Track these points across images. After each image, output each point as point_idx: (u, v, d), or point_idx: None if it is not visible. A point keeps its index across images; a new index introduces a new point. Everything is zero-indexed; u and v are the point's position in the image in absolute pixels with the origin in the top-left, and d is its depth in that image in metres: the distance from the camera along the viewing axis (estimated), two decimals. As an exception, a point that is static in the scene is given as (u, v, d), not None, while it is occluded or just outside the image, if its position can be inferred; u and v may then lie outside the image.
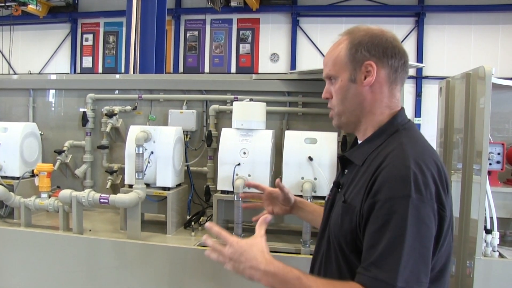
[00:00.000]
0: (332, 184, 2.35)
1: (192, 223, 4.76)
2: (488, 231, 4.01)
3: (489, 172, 4.34)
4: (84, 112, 5.41)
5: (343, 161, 2.23)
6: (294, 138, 4.36)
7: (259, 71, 18.83)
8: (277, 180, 2.73)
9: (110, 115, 5.25)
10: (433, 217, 1.82)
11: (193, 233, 4.58)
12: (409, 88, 17.76)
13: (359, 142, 2.21)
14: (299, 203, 2.78)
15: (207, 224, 2.20)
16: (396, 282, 1.74)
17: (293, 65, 18.66)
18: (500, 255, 4.06)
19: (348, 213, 1.99)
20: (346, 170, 2.22)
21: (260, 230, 2.10)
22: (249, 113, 4.42)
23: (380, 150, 2.00)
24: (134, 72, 9.76)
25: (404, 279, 1.74)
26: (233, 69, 19.41)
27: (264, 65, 19.15)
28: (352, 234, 1.96)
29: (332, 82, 2.17)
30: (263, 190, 2.79)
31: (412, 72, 17.34)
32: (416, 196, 1.79)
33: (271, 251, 2.01)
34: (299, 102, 4.98)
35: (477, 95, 4.09)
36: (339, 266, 2.03)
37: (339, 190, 2.18)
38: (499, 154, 4.48)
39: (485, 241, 3.99)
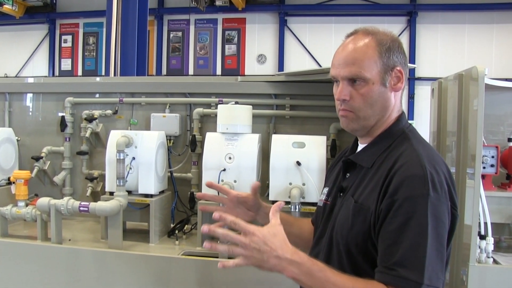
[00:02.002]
0: (322, 190, 2.37)
1: (176, 232, 4.75)
2: (482, 237, 4.03)
3: (483, 176, 4.35)
4: (63, 117, 5.39)
5: (345, 165, 2.27)
6: (281, 142, 4.37)
7: (246, 73, 18.80)
8: (256, 182, 2.69)
9: (90, 119, 5.24)
10: (447, 215, 1.93)
11: (177, 242, 4.57)
12: (401, 89, 17.84)
13: (361, 144, 2.27)
14: (265, 209, 2.59)
15: (215, 214, 2.05)
16: (423, 279, 1.82)
17: (281, 66, 18.63)
18: (495, 262, 4.08)
19: (361, 214, 2.03)
20: (348, 174, 2.25)
21: (275, 218, 2.01)
22: (234, 116, 4.44)
23: (389, 151, 2.09)
24: (114, 75, 9.68)
25: (428, 276, 1.82)
26: (219, 71, 19.37)
27: (251, 67, 19.13)
28: (364, 236, 2.01)
29: (353, 83, 2.13)
30: (226, 193, 2.67)
31: (404, 73, 17.43)
32: (434, 194, 1.89)
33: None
34: (287, 105, 4.99)
35: (470, 96, 4.10)
36: (342, 268, 2.04)
37: (341, 194, 2.22)
38: (493, 157, 4.49)
39: (479, 247, 4.01)
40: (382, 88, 2.11)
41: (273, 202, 4.09)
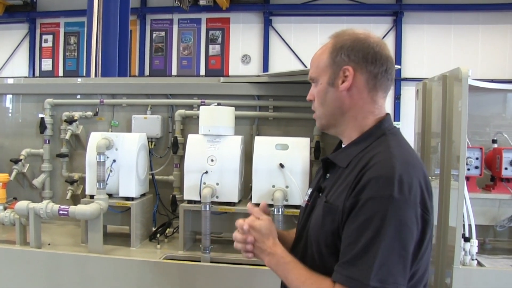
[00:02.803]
0: (307, 191, 2.40)
1: (158, 235, 4.76)
2: (467, 239, 4.07)
3: (468, 178, 4.40)
4: (42, 119, 5.37)
5: (326, 165, 2.29)
6: (264, 144, 4.38)
7: (230, 74, 18.78)
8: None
9: (70, 121, 5.22)
10: (415, 221, 1.87)
11: (159, 246, 4.59)
12: (387, 90, 17.90)
13: (343, 146, 2.27)
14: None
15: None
16: (369, 281, 1.80)
17: (265, 67, 18.65)
18: (479, 264, 4.13)
19: (330, 213, 2.03)
20: (328, 175, 2.26)
21: (262, 215, 2.28)
22: (216, 118, 4.44)
23: (366, 152, 2.06)
24: (95, 76, 9.66)
25: (379, 278, 1.80)
26: (202, 72, 19.34)
27: (235, 67, 19.12)
28: (333, 236, 2.01)
29: (315, 85, 2.24)
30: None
31: (390, 73, 17.48)
32: (399, 197, 1.84)
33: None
34: (270, 106, 5.02)
35: (454, 97, 4.14)
36: (315, 268, 2.06)
37: (320, 194, 2.23)
38: (477, 159, 4.55)
39: (464, 249, 4.05)
40: (330, 88, 2.15)
41: (256, 205, 4.14)
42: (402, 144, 2.11)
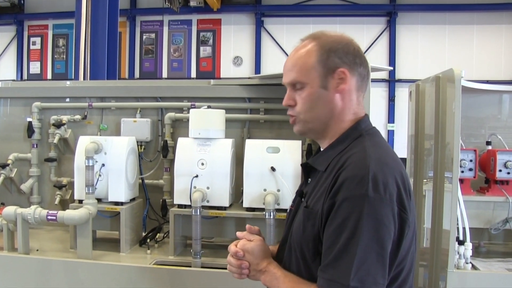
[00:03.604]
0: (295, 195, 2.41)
1: (148, 240, 4.76)
2: (461, 242, 4.09)
3: (461, 180, 4.43)
4: (30, 122, 5.36)
5: (307, 170, 2.30)
6: (255, 147, 4.39)
7: (221, 76, 18.79)
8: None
9: (58, 125, 5.22)
10: (392, 219, 1.89)
11: (149, 251, 4.59)
12: (381, 92, 17.92)
13: (322, 149, 2.28)
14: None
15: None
16: (349, 281, 1.82)
17: (257, 68, 18.67)
18: (473, 267, 4.15)
19: (310, 218, 2.06)
20: (309, 179, 2.27)
21: (253, 237, 2.34)
22: (207, 121, 4.45)
23: (343, 154, 2.07)
24: (84, 79, 9.67)
25: (358, 278, 1.82)
26: (193, 74, 19.32)
27: (227, 69, 19.12)
28: (314, 241, 2.03)
29: (296, 89, 2.21)
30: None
31: (384, 75, 17.52)
32: (374, 195, 1.86)
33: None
34: (261, 109, 5.02)
35: (447, 99, 4.16)
36: (300, 273, 2.10)
37: (302, 199, 2.24)
38: (471, 161, 4.57)
39: (458, 253, 4.07)
40: (322, 91, 2.14)
41: (247, 209, 4.13)
42: (379, 144, 2.11)
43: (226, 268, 2.25)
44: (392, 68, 17.31)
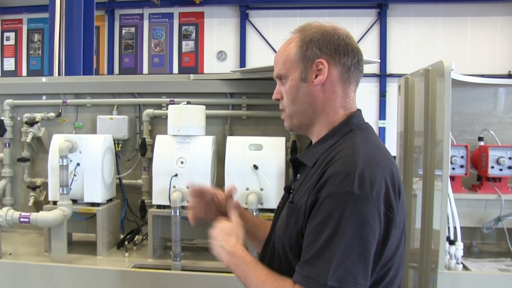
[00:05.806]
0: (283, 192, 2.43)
1: (126, 243, 4.74)
2: (452, 242, 4.10)
3: (452, 178, 4.44)
4: (1, 121, 5.33)
5: (296, 165, 2.32)
6: (237, 145, 4.39)
7: (205, 71, 18.82)
8: (234, 186, 2.74)
9: (31, 123, 5.19)
10: (378, 218, 1.89)
11: (127, 254, 4.58)
12: (372, 87, 17.99)
13: (312, 144, 2.30)
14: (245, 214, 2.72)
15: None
16: (327, 280, 1.82)
17: (242, 63, 18.68)
18: (465, 268, 4.16)
19: (294, 214, 2.08)
20: (298, 175, 2.29)
21: (233, 216, 2.38)
22: (186, 117, 4.44)
23: (332, 149, 2.08)
24: (59, 74, 9.62)
25: (337, 277, 1.82)
26: (175, 70, 19.31)
27: (210, 65, 19.13)
28: (297, 237, 2.04)
29: (282, 82, 2.25)
30: (203, 194, 2.69)
31: (375, 69, 17.58)
32: (359, 193, 1.87)
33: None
34: (243, 105, 5.01)
35: (437, 93, 4.15)
36: (281, 271, 2.09)
37: (289, 195, 2.25)
38: (462, 157, 4.56)
39: (448, 253, 4.07)
40: (302, 83, 2.17)
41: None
42: (370, 140, 2.12)
43: (207, 271, 2.30)
44: (380, 61, 17.36)
